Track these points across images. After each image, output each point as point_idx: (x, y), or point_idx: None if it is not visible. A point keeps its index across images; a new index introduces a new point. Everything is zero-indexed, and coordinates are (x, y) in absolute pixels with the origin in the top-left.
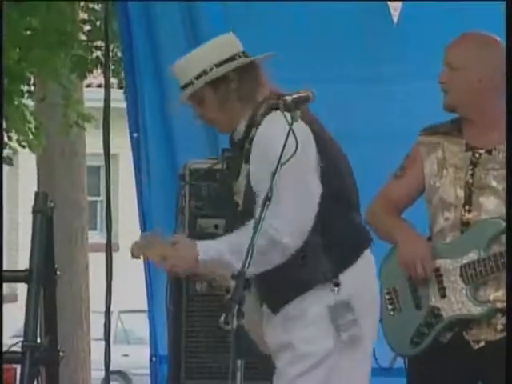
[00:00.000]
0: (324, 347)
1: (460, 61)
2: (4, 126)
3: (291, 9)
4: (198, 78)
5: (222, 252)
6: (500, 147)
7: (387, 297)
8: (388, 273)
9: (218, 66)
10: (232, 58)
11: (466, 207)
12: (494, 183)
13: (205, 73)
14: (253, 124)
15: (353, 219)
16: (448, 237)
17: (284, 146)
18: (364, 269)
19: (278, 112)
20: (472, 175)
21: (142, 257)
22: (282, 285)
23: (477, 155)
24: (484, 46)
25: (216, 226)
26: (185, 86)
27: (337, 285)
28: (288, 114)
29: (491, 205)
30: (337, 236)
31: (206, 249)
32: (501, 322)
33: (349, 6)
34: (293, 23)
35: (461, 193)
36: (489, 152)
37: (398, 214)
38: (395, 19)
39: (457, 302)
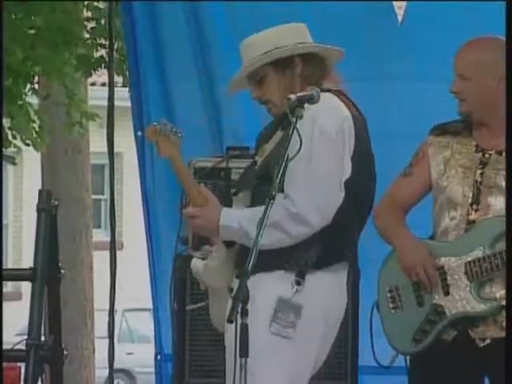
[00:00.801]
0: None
1: (472, 70)
2: (8, 124)
3: (296, 8)
4: (263, 55)
5: (242, 221)
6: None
7: (389, 295)
8: (389, 271)
9: (283, 48)
10: (301, 43)
11: (474, 206)
12: (503, 183)
13: (270, 52)
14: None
15: (353, 227)
16: (451, 235)
17: (289, 141)
18: (332, 283)
19: (335, 98)
20: (481, 174)
21: None
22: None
23: (487, 156)
24: (492, 50)
25: None
26: (248, 64)
27: (299, 283)
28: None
29: (499, 205)
30: (328, 232)
31: (227, 215)
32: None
33: (353, 5)
34: (297, 22)
35: (468, 192)
36: (499, 153)
37: (403, 216)
38: (400, 18)
39: (461, 299)
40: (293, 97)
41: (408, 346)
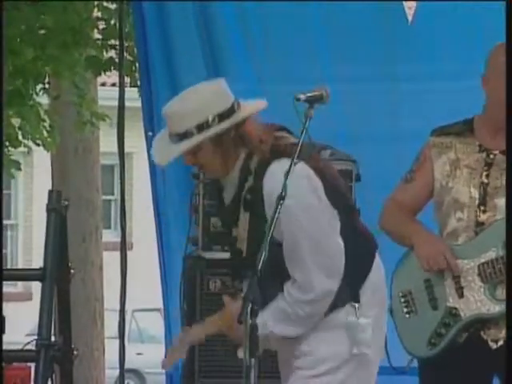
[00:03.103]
0: (341, 355)
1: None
2: (18, 124)
3: (305, 8)
4: (199, 129)
5: (270, 327)
6: None
7: (402, 300)
8: (402, 277)
9: (220, 118)
10: (232, 110)
11: (481, 207)
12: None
13: (207, 125)
14: (249, 172)
15: (359, 230)
16: (461, 237)
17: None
18: (375, 272)
19: (282, 161)
20: (487, 176)
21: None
22: None
23: (491, 156)
24: None
25: None
26: (182, 135)
27: (357, 301)
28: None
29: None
30: (350, 255)
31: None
32: None
33: (364, 5)
34: (307, 23)
35: (475, 193)
36: (503, 153)
37: (412, 215)
38: (410, 19)
39: (475, 301)
40: (302, 97)
41: (424, 350)
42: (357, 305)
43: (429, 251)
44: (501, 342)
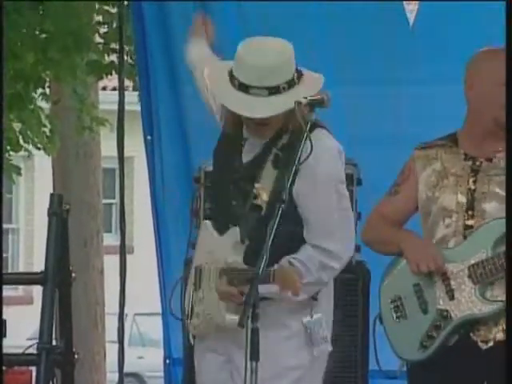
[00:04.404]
0: (304, 361)
1: None
2: (19, 128)
3: (306, 10)
4: (289, 85)
5: (309, 265)
6: (499, 155)
7: (392, 305)
8: (391, 283)
9: (298, 75)
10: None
11: (469, 212)
12: (497, 189)
13: (293, 81)
14: (285, 131)
15: None
16: (451, 242)
17: (301, 150)
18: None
19: (323, 131)
20: (474, 182)
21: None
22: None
23: (477, 163)
24: None
25: None
26: (273, 89)
27: (315, 299)
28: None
29: (494, 210)
30: None
31: (299, 272)
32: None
33: (364, 6)
34: (308, 24)
35: (462, 199)
36: (489, 160)
37: (398, 227)
38: (411, 22)
39: (466, 302)
40: (303, 101)
41: (415, 353)
42: (315, 302)
43: (418, 254)
44: (491, 343)
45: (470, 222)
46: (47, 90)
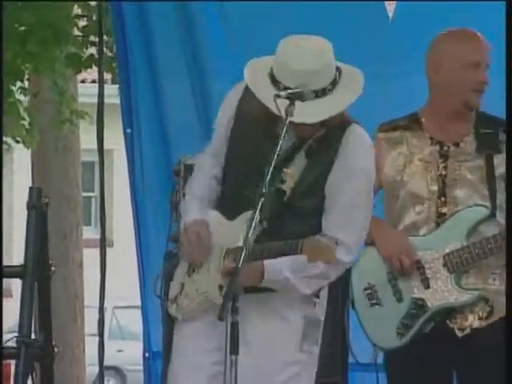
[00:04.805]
0: (303, 357)
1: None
2: None
3: (287, 8)
4: (333, 84)
5: (287, 273)
6: (466, 139)
7: (365, 293)
8: (364, 270)
9: (339, 74)
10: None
11: (442, 199)
12: (468, 175)
13: (335, 81)
14: (322, 123)
15: None
16: (422, 229)
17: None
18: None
19: (359, 127)
20: (445, 167)
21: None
22: None
23: (445, 148)
24: None
25: None
26: (320, 92)
27: (318, 296)
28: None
29: (466, 197)
30: None
31: (271, 269)
32: (484, 309)
33: (345, 6)
34: (289, 22)
35: (434, 186)
36: (456, 144)
37: None
38: (390, 15)
39: (442, 291)
40: (282, 94)
41: (391, 341)
42: (317, 300)
43: (391, 247)
44: (467, 331)
45: (443, 210)
46: (26, 83)
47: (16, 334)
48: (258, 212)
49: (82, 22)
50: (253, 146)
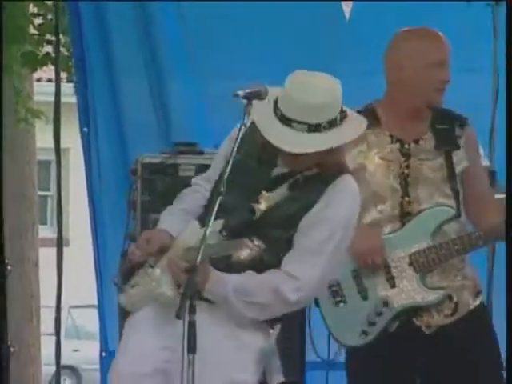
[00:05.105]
0: (253, 378)
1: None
2: None
3: (245, 7)
4: (341, 119)
5: (230, 292)
6: (425, 137)
7: (330, 290)
8: None
9: (341, 110)
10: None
11: (406, 198)
12: (430, 174)
13: (341, 116)
14: (316, 165)
15: None
16: (386, 228)
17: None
18: None
19: (348, 177)
20: (407, 166)
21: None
22: None
23: (406, 146)
24: None
25: None
26: (329, 123)
27: (272, 327)
28: None
29: (428, 195)
30: None
31: (216, 280)
32: (448, 307)
33: (302, 6)
34: (246, 21)
35: (396, 185)
36: (416, 142)
37: None
38: (347, 15)
39: (408, 291)
40: (241, 93)
41: (355, 339)
42: (272, 331)
43: (363, 245)
44: (434, 328)
45: (407, 209)
46: None
47: None
48: (214, 210)
49: (38, 21)
50: (247, 171)
